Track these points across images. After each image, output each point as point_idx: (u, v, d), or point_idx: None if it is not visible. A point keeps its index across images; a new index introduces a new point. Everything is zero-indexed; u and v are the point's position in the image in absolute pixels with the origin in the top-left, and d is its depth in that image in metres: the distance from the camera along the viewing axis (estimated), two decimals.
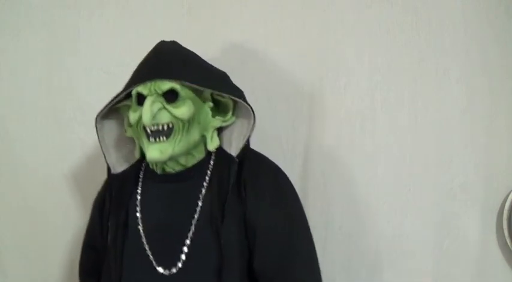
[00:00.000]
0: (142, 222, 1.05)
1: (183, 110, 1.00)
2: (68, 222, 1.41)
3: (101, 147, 1.10)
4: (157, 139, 1.00)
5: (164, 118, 0.99)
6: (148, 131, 1.00)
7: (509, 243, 1.21)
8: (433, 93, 1.23)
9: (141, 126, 1.02)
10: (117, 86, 1.39)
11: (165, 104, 1.00)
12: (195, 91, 1.04)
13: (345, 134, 1.26)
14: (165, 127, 1.00)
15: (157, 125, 0.99)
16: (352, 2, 1.26)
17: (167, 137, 1.00)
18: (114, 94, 1.06)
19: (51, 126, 1.39)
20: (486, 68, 1.21)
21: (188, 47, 1.11)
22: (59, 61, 1.39)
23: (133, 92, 1.03)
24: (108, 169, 1.11)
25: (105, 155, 1.10)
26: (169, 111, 1.00)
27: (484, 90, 1.21)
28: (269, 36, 1.29)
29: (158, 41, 1.35)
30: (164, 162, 1.04)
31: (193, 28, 1.33)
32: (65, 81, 1.38)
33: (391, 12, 1.24)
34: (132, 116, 1.03)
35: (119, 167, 1.12)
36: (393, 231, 1.25)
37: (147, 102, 0.97)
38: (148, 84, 1.00)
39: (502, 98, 1.21)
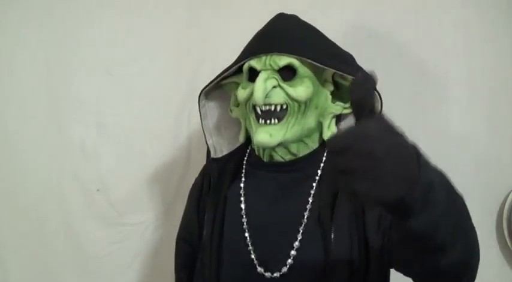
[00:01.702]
0: (246, 216, 0.92)
1: (300, 90, 0.88)
2: (68, 222, 1.41)
3: (202, 128, 1.00)
4: (268, 121, 0.89)
5: (278, 98, 0.88)
6: (259, 111, 0.90)
7: (509, 243, 1.21)
8: (433, 93, 1.23)
9: (251, 106, 0.91)
10: (117, 86, 1.39)
11: (280, 81, 0.89)
12: (315, 70, 0.91)
13: None
14: (278, 108, 0.89)
15: (270, 105, 0.89)
16: (352, 2, 1.26)
17: (279, 120, 0.89)
18: (114, 94, 1.05)
19: (51, 126, 1.39)
20: (486, 68, 1.21)
21: (188, 47, 1.11)
22: (59, 61, 1.38)
23: (245, 66, 0.92)
24: (208, 152, 1.02)
25: (206, 136, 1.01)
26: (284, 90, 0.89)
27: (484, 90, 1.21)
28: None
29: (158, 41, 1.36)
30: (273, 149, 0.92)
31: (194, 28, 1.33)
32: (65, 81, 1.38)
33: (391, 13, 1.24)
34: (241, 93, 0.92)
35: (219, 151, 1.02)
36: None
37: (260, 78, 0.87)
38: (264, 58, 0.89)
39: (502, 98, 1.21)
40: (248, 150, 1.01)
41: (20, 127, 1.41)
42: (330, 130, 0.94)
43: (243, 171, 0.98)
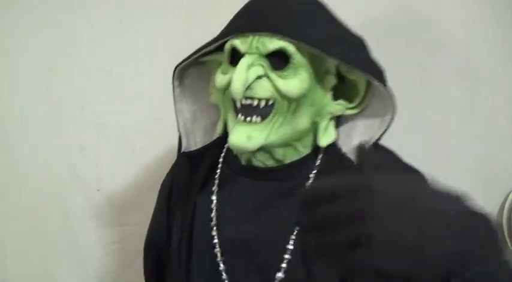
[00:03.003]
0: (217, 230, 0.75)
1: (293, 84, 0.69)
2: (68, 222, 1.41)
3: (175, 112, 0.83)
4: (249, 119, 0.71)
5: (263, 91, 0.69)
6: (238, 104, 0.72)
7: (509, 243, 1.21)
8: (433, 93, 1.23)
9: (230, 96, 0.73)
10: (117, 86, 1.39)
11: (268, 70, 0.70)
12: (313, 58, 0.71)
13: None
14: (263, 103, 0.70)
15: (252, 98, 0.70)
16: (352, 2, 1.26)
17: (263, 118, 0.70)
18: (114, 94, 1.04)
19: (51, 126, 1.39)
20: (486, 68, 1.21)
21: (188, 47, 1.10)
22: (59, 62, 1.38)
23: (227, 45, 0.73)
24: (179, 144, 0.84)
25: (178, 122, 0.83)
26: (272, 82, 0.70)
27: (484, 90, 1.21)
28: None
29: (158, 40, 1.35)
30: (251, 153, 0.74)
31: (194, 28, 1.33)
32: (65, 81, 1.38)
33: (390, 12, 1.24)
34: (220, 79, 0.74)
35: (193, 143, 0.84)
36: None
37: (242, 64, 0.68)
38: (250, 37, 0.69)
39: (502, 98, 1.21)
40: (226, 146, 0.82)
41: (20, 127, 1.41)
42: (327, 134, 0.75)
43: (218, 172, 0.81)
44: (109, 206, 1.36)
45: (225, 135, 0.81)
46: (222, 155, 0.82)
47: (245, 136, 0.70)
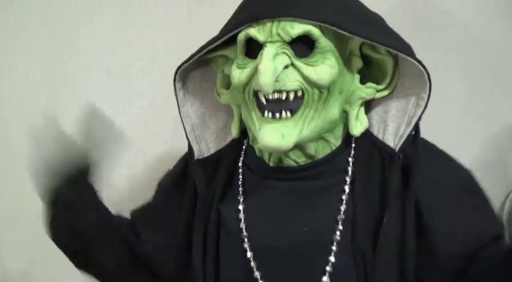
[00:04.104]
0: (249, 240, 0.70)
1: (322, 70, 0.64)
2: None
3: (181, 117, 0.78)
4: (278, 115, 0.65)
5: (292, 82, 0.64)
6: (263, 100, 0.66)
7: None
8: (433, 93, 1.23)
9: (251, 92, 0.68)
10: (117, 86, 1.39)
11: (293, 58, 0.65)
12: (337, 41, 0.67)
13: None
14: (292, 96, 0.65)
15: (281, 92, 0.64)
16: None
17: (293, 113, 0.66)
18: (114, 94, 1.04)
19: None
20: (486, 68, 1.21)
21: (188, 47, 1.11)
22: (59, 61, 1.38)
23: (241, 36, 0.68)
24: (190, 150, 0.78)
25: (186, 129, 0.78)
26: (299, 71, 0.65)
27: (484, 90, 1.21)
28: None
29: (158, 40, 1.35)
30: (283, 152, 0.68)
31: (194, 28, 1.33)
32: (65, 81, 1.38)
33: (390, 12, 1.24)
34: (237, 74, 0.68)
35: (206, 149, 0.78)
36: None
37: (268, 54, 0.62)
38: (269, 25, 0.64)
39: (502, 98, 1.21)
40: (244, 148, 0.77)
41: (20, 127, 1.41)
42: (359, 121, 0.71)
43: (240, 178, 0.75)
44: (109, 206, 1.36)
45: (241, 137, 0.77)
46: (241, 159, 0.76)
47: (279, 135, 0.64)
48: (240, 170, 0.76)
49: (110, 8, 1.37)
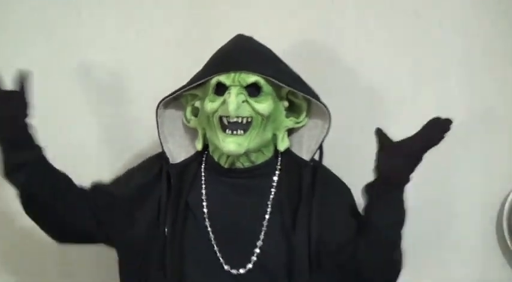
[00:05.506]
0: (209, 218, 1.03)
1: (264, 106, 0.99)
2: None
3: (158, 135, 1.08)
4: (235, 132, 0.99)
5: (246, 111, 0.99)
6: (225, 122, 0.99)
7: (509, 243, 1.21)
8: (433, 93, 1.23)
9: (217, 117, 1.00)
10: (118, 85, 1.40)
11: (248, 97, 0.99)
12: (274, 88, 1.02)
13: (344, 135, 1.26)
14: (245, 121, 0.99)
15: (238, 117, 0.98)
16: (352, 1, 1.26)
17: (245, 131, 0.99)
18: (114, 94, 1.05)
19: (52, 126, 1.39)
20: (486, 68, 1.21)
21: (188, 47, 1.11)
22: (59, 61, 1.39)
23: (213, 81, 1.01)
24: (166, 158, 1.08)
25: (162, 144, 1.08)
26: (251, 105, 0.99)
27: (484, 90, 1.21)
28: (270, 35, 1.28)
29: (158, 40, 1.36)
30: (237, 156, 1.02)
31: (194, 28, 1.33)
32: (65, 81, 1.38)
33: (391, 13, 1.24)
34: (209, 105, 1.01)
35: (176, 157, 1.09)
36: None
37: (233, 93, 0.97)
38: (232, 74, 0.99)
39: (502, 98, 1.21)
40: (204, 158, 1.09)
41: None
42: (283, 141, 1.05)
43: (203, 177, 1.07)
44: None
45: (203, 149, 1.08)
46: (203, 164, 1.08)
47: (236, 144, 0.98)
48: (203, 172, 1.07)
49: (110, 9, 1.37)
